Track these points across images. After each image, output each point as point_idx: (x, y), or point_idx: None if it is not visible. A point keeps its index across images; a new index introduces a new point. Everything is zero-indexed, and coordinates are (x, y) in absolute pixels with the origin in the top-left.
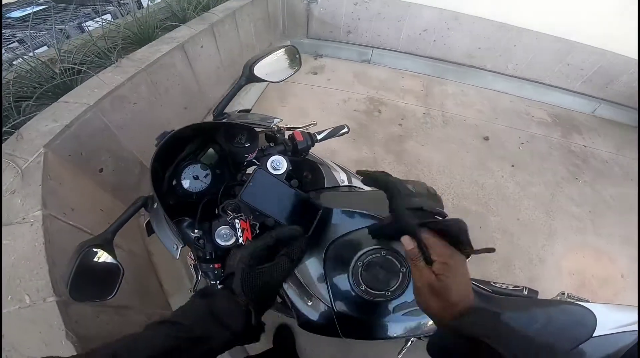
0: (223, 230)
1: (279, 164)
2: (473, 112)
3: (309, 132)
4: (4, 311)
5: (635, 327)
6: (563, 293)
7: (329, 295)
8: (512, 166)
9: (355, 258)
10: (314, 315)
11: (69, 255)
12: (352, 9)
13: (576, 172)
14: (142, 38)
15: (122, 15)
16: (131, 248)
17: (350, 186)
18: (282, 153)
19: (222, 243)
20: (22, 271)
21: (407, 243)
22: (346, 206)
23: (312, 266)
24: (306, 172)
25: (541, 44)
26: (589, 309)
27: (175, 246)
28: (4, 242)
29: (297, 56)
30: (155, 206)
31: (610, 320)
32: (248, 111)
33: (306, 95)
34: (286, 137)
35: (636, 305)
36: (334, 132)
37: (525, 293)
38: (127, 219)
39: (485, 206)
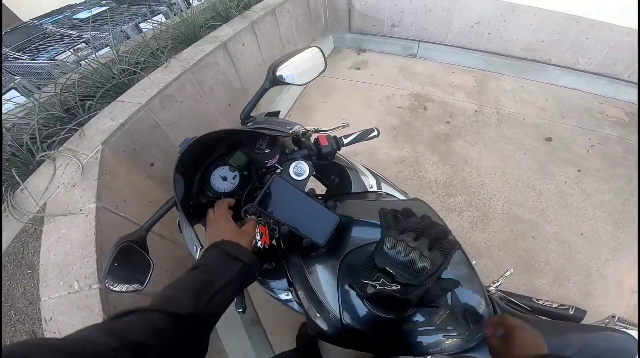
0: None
1: (301, 169)
2: (534, 110)
3: (334, 136)
4: (54, 295)
5: None
6: (613, 317)
7: (339, 306)
8: (579, 171)
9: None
10: (323, 324)
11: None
12: (395, 1)
13: None
14: (189, 38)
15: (173, 15)
16: (175, 238)
17: (378, 193)
18: (306, 158)
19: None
20: (74, 258)
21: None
22: (366, 216)
23: (326, 276)
24: (334, 176)
25: (616, 36)
26: (633, 337)
27: (195, 247)
28: (62, 231)
29: (322, 56)
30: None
31: None
32: (276, 113)
33: (348, 91)
34: (312, 141)
35: None
36: (363, 136)
37: (572, 312)
38: (159, 217)
39: (541, 214)
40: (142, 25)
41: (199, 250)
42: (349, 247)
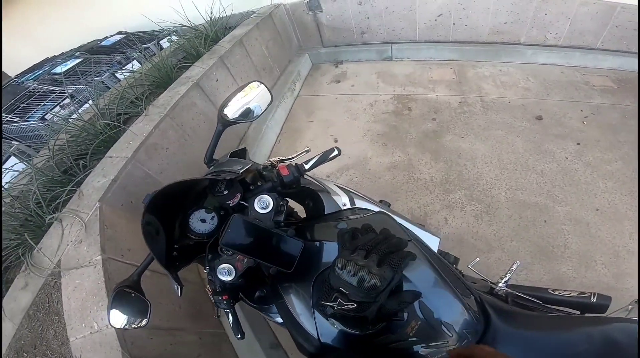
0: (222, 267)
1: (264, 203)
2: (518, 91)
3: (295, 164)
4: (80, 336)
5: None
6: (636, 302)
7: (315, 327)
8: (578, 144)
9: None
10: (305, 344)
11: None
12: (358, 9)
13: None
14: (165, 81)
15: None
16: (185, 277)
17: (352, 209)
18: (271, 190)
19: (223, 278)
20: (90, 304)
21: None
22: (332, 237)
23: (301, 298)
24: (307, 200)
25: (572, 8)
26: None
27: (176, 286)
28: (77, 281)
29: (265, 89)
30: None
31: None
32: (243, 151)
33: (332, 106)
34: (275, 172)
35: None
36: (324, 158)
37: (594, 300)
38: (148, 263)
39: (549, 195)
40: (118, 74)
41: (179, 289)
42: (320, 268)
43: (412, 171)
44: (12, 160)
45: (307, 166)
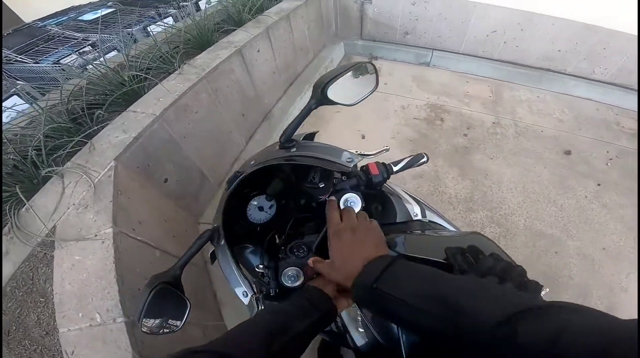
0: (291, 270)
1: (353, 203)
2: (552, 121)
3: (384, 164)
4: (74, 327)
5: None
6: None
7: (402, 344)
8: (598, 184)
9: None
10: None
11: (137, 274)
12: (409, 9)
13: None
14: (202, 42)
15: (182, 18)
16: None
17: (423, 221)
18: (355, 188)
19: (289, 284)
20: (93, 289)
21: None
22: (427, 253)
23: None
24: (375, 204)
25: (633, 47)
26: None
27: (245, 293)
28: (76, 257)
29: (374, 73)
30: (222, 243)
31: None
32: (313, 134)
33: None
34: (359, 168)
35: None
36: (413, 162)
37: None
38: (194, 254)
39: (563, 229)
40: (150, 28)
41: (249, 296)
42: None
43: (438, 183)
44: (15, 99)
45: (395, 168)
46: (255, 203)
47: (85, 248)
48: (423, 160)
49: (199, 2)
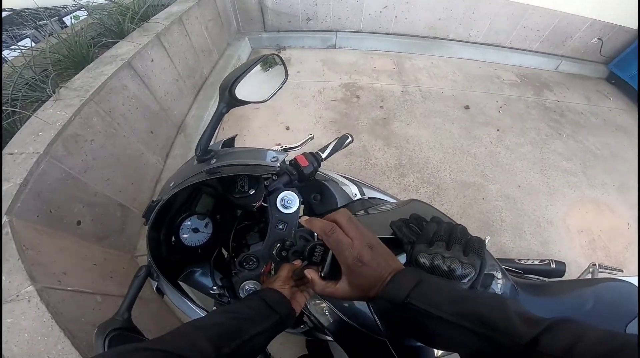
0: (248, 285)
1: (290, 201)
2: (448, 83)
3: (312, 153)
4: None
5: None
6: (594, 265)
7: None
8: (498, 130)
9: None
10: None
11: (84, 323)
12: None
13: (557, 127)
14: (77, 61)
15: (44, 38)
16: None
17: (364, 200)
18: (289, 184)
19: None
20: (44, 347)
21: (310, 222)
22: (376, 232)
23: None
24: (314, 194)
25: (495, 9)
26: (633, 284)
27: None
28: (7, 320)
29: (281, 64)
30: (161, 279)
31: None
32: (233, 139)
33: (278, 92)
34: (287, 163)
35: None
36: (339, 145)
37: (554, 266)
38: (136, 294)
39: (482, 175)
40: (5, 53)
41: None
42: None
43: (368, 157)
44: None
45: (324, 155)
46: (189, 224)
47: (13, 310)
48: (348, 141)
49: (64, 19)
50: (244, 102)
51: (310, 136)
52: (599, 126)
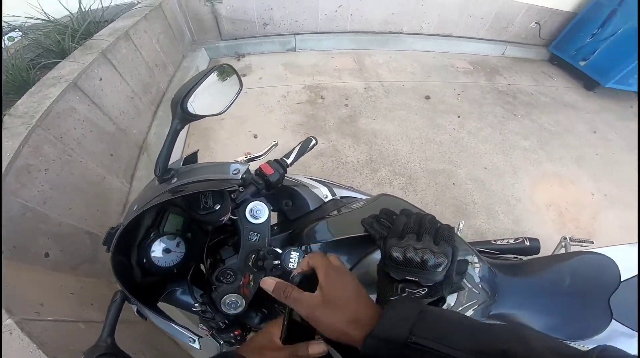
0: (228, 298)
1: (259, 212)
2: (407, 75)
3: (277, 160)
4: None
5: None
6: (565, 238)
7: None
8: (459, 116)
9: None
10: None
11: (73, 351)
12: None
13: (512, 109)
14: (16, 85)
15: None
16: (126, 317)
17: (336, 200)
18: (257, 195)
19: (233, 312)
20: None
21: (266, 284)
22: (348, 231)
23: None
24: (285, 200)
25: (442, 0)
26: (607, 256)
27: (191, 340)
28: None
29: (234, 73)
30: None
31: (632, 261)
32: (195, 155)
33: (242, 100)
34: (253, 173)
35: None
36: (304, 149)
37: (528, 243)
38: (115, 319)
39: (450, 161)
40: None
41: (197, 341)
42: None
43: (339, 156)
44: None
45: (289, 161)
46: (159, 246)
47: None
48: (312, 143)
49: None
50: (198, 117)
51: (274, 142)
52: (549, 105)
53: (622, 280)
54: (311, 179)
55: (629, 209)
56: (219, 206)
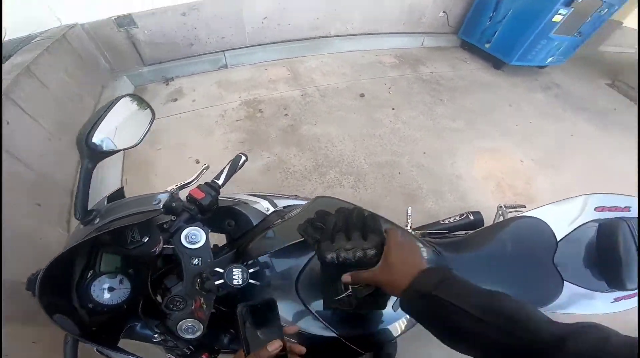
0: (184, 324)
1: (195, 236)
2: (340, 77)
3: (207, 183)
4: None
5: (585, 219)
6: (501, 207)
7: (324, 323)
8: (393, 109)
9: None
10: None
11: None
12: (182, 20)
13: (437, 95)
14: None
15: None
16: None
17: (278, 211)
18: (191, 220)
19: (191, 337)
20: None
21: (345, 279)
22: (289, 239)
23: (292, 310)
24: (227, 220)
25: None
26: (538, 218)
27: None
28: None
29: (142, 101)
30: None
31: (562, 221)
32: (121, 191)
33: (178, 126)
34: (185, 200)
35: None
36: (234, 167)
37: (472, 218)
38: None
39: (392, 152)
40: None
41: None
42: (294, 274)
43: (286, 166)
44: None
45: (220, 181)
46: (99, 287)
47: None
48: (243, 160)
49: None
50: (110, 153)
51: (204, 166)
52: (468, 87)
53: (558, 239)
54: (250, 195)
55: (554, 169)
56: (147, 238)
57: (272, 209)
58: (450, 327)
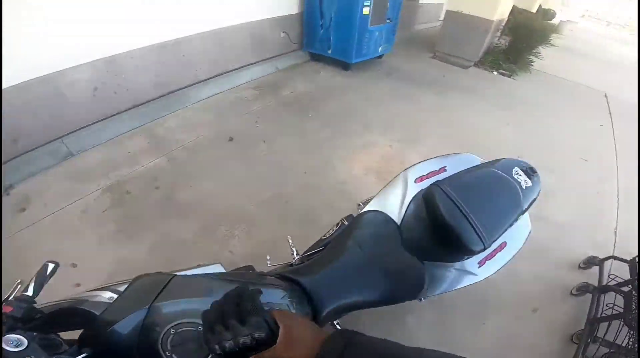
0: None
1: (14, 341)
2: (205, 126)
3: (15, 298)
4: None
5: (411, 195)
6: (359, 204)
7: None
8: (264, 141)
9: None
10: None
11: None
12: None
13: (303, 112)
14: None
15: None
16: None
17: (113, 299)
18: (10, 330)
19: None
20: None
21: None
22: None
23: None
24: (76, 319)
25: (197, 44)
26: (374, 210)
27: None
28: None
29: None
30: None
31: (394, 205)
32: None
33: (38, 238)
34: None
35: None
36: (42, 275)
37: (347, 223)
38: None
39: (275, 185)
40: None
41: None
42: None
43: (171, 240)
44: None
45: (29, 293)
46: None
47: None
48: (52, 267)
49: None
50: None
51: (18, 281)
52: (327, 95)
53: (399, 224)
54: (91, 290)
55: (418, 142)
56: None
57: (115, 296)
58: None
